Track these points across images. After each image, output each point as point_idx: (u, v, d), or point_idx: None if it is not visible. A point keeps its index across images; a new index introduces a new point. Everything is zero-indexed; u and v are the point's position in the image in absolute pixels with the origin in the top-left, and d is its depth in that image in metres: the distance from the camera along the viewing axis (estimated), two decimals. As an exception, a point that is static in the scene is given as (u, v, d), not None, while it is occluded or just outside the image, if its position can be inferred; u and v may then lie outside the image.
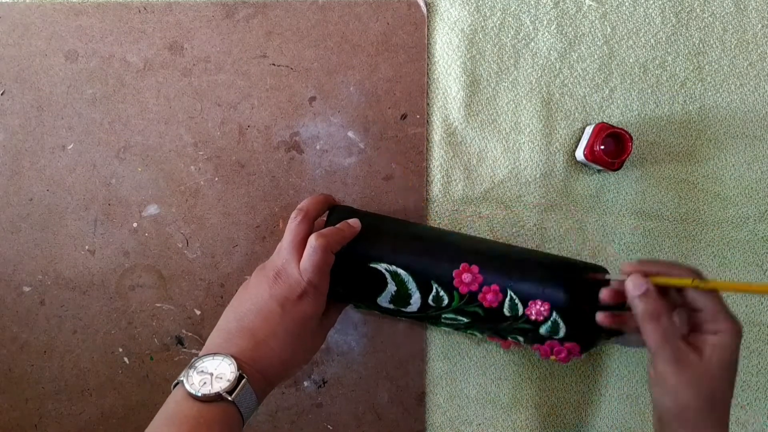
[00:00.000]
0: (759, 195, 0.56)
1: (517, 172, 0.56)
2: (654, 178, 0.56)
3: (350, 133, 0.56)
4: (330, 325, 0.50)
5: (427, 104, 0.56)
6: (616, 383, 0.56)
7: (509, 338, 0.49)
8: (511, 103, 0.56)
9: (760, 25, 0.55)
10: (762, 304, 0.56)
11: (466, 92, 0.55)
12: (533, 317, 0.46)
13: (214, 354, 0.42)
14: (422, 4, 0.55)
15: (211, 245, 0.56)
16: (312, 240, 0.45)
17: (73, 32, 0.56)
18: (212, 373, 0.41)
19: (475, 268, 0.47)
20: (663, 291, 0.42)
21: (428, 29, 0.56)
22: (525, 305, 0.46)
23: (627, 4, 0.55)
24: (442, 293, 0.47)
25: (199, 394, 0.40)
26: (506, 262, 0.48)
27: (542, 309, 0.46)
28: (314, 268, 0.44)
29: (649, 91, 0.56)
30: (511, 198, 0.56)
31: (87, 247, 0.56)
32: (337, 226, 0.48)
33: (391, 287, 0.47)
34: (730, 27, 0.55)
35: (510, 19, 0.55)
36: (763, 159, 0.56)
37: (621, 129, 0.52)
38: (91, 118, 0.56)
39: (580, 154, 0.53)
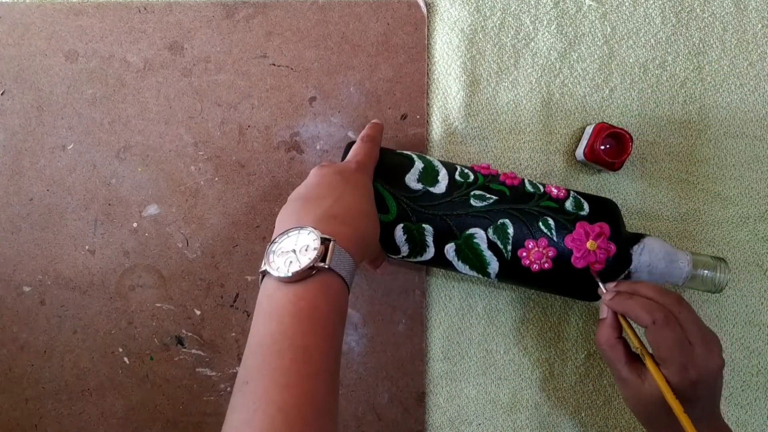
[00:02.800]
0: (759, 195, 0.56)
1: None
2: (654, 178, 0.56)
3: (350, 133, 0.56)
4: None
5: (427, 104, 0.56)
6: (616, 383, 0.56)
7: (540, 224, 0.47)
8: (511, 103, 0.56)
9: (760, 25, 0.55)
10: (762, 304, 0.56)
11: (466, 92, 0.55)
12: (554, 195, 0.48)
13: (288, 231, 0.38)
14: (422, 4, 0.55)
15: (211, 245, 0.56)
16: (362, 137, 0.48)
17: (73, 32, 0.56)
18: (294, 249, 0.37)
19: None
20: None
21: (428, 29, 0.56)
22: (543, 186, 0.49)
23: (627, 4, 0.55)
24: (467, 170, 0.49)
25: (290, 274, 0.36)
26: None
27: (560, 189, 0.49)
28: (365, 151, 0.46)
29: (649, 91, 0.56)
30: (511, 198, 0.56)
31: (87, 247, 0.56)
32: (371, 122, 0.51)
33: (419, 164, 0.48)
34: (730, 27, 0.55)
35: (510, 19, 0.55)
36: (763, 159, 0.56)
37: (621, 129, 0.52)
38: (91, 118, 0.56)
39: (580, 154, 0.53)
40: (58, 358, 0.56)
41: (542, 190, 0.49)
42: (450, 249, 0.47)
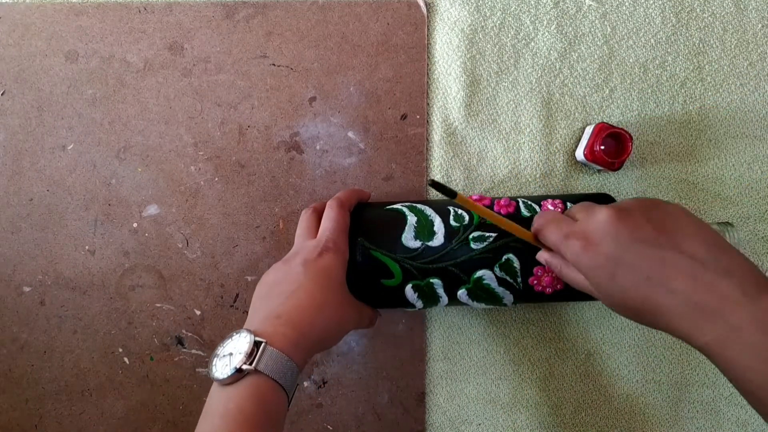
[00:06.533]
0: (759, 195, 0.56)
1: (517, 172, 0.56)
2: (654, 178, 0.56)
3: (350, 133, 0.56)
4: (362, 313, 0.48)
5: (427, 104, 0.56)
6: (616, 383, 0.56)
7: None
8: (511, 103, 0.56)
9: (760, 25, 0.55)
10: (762, 304, 0.56)
11: (466, 92, 0.55)
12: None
13: (231, 334, 0.40)
14: (422, 4, 0.55)
15: (211, 245, 0.56)
16: (329, 202, 0.49)
17: (73, 32, 0.56)
18: (231, 352, 0.39)
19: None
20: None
21: (428, 29, 0.56)
22: (538, 205, 0.48)
23: (627, 4, 0.55)
24: (460, 212, 0.48)
25: (222, 377, 0.38)
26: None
27: (555, 203, 0.48)
28: (332, 224, 0.47)
29: (649, 91, 0.56)
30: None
31: (87, 247, 0.56)
32: (350, 188, 0.53)
33: (411, 219, 0.48)
34: (730, 27, 0.55)
35: (510, 19, 0.55)
36: (763, 159, 0.56)
37: (621, 129, 0.52)
38: (91, 118, 0.56)
39: (580, 154, 0.53)
40: (58, 359, 0.56)
41: (539, 210, 0.48)
42: (462, 294, 0.48)
